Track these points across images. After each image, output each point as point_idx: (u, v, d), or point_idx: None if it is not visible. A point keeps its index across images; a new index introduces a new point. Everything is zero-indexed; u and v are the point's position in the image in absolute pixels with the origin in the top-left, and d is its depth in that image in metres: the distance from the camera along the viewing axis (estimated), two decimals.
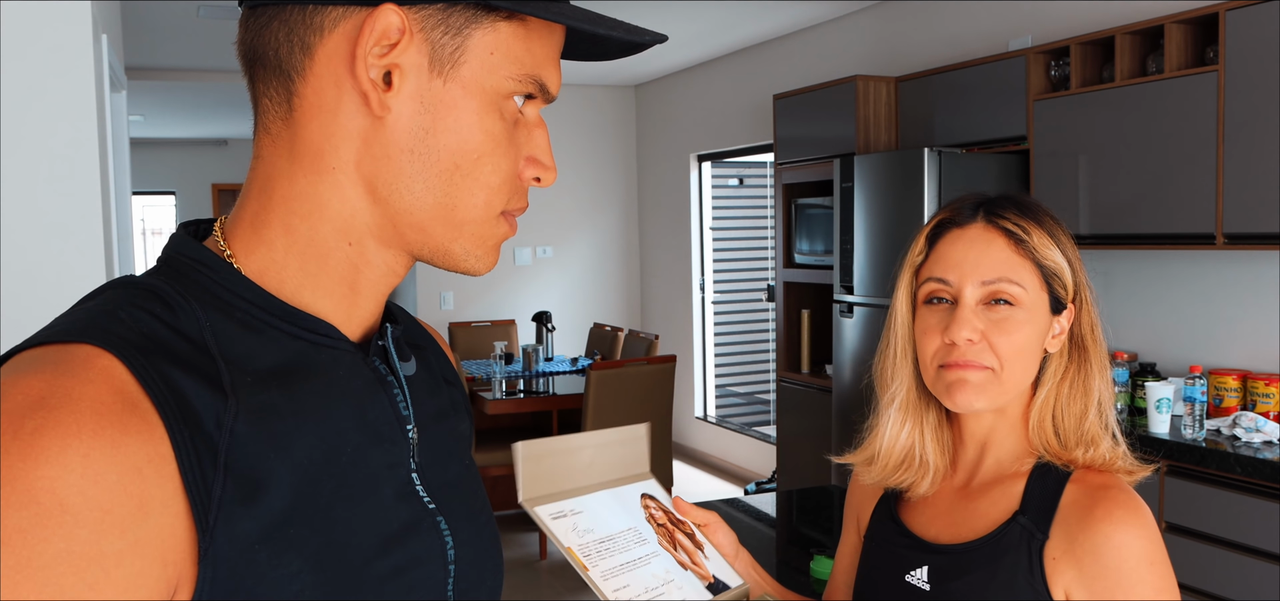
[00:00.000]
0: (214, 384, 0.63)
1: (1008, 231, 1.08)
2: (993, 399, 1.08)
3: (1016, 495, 1.08)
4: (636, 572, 1.06)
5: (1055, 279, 1.09)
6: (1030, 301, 1.07)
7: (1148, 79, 3.49)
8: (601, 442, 1.15)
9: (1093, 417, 1.09)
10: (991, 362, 1.07)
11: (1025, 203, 1.11)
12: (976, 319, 1.07)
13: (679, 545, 1.12)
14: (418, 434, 0.75)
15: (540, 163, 0.73)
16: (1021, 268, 1.07)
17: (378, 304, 0.75)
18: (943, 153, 4.00)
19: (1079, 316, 1.11)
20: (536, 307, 7.53)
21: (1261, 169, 3.15)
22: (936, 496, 1.15)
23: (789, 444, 5.23)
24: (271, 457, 0.64)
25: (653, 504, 1.15)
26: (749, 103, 6.47)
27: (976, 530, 1.09)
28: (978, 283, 1.07)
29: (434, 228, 0.71)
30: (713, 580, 1.12)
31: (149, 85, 6.97)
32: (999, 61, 4.07)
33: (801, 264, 5.18)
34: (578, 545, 1.05)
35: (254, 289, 0.69)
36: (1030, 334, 1.07)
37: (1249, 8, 3.16)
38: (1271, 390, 3.32)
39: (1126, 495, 1.04)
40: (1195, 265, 3.69)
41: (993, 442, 1.13)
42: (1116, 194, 3.62)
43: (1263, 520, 2.94)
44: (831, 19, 5.63)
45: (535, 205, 7.66)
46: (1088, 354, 1.11)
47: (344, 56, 0.67)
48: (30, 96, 2.66)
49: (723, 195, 7.45)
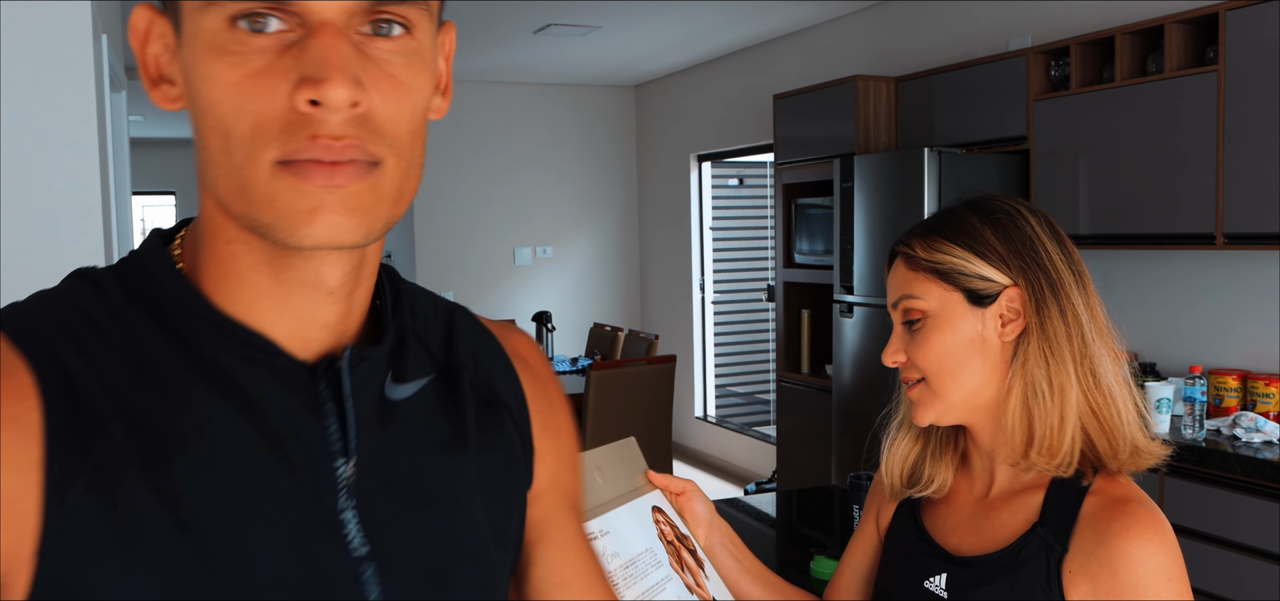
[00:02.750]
0: (110, 385, 0.60)
1: (901, 253, 1.16)
2: (938, 410, 1.12)
3: (1035, 506, 1.09)
4: (661, 598, 1.06)
5: (959, 276, 1.10)
6: (935, 306, 1.11)
7: (1148, 79, 3.49)
8: (604, 461, 1.14)
9: (1068, 404, 1.06)
10: (919, 375, 1.13)
11: (938, 219, 1.15)
12: (899, 341, 1.15)
13: (685, 565, 1.12)
14: (357, 471, 0.67)
15: (310, 80, 0.58)
16: (915, 280, 1.12)
17: (330, 311, 0.67)
18: (943, 153, 4.00)
19: (1038, 299, 1.09)
20: (536, 307, 7.53)
21: (1261, 169, 3.15)
22: (958, 505, 1.17)
23: (789, 444, 5.23)
24: (143, 473, 0.59)
25: (662, 519, 1.15)
26: (749, 103, 6.47)
27: (997, 540, 1.10)
28: (891, 307, 1.16)
29: (237, 205, 0.62)
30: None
31: None
32: (999, 61, 4.07)
33: (801, 264, 5.17)
34: (608, 572, 1.01)
35: (192, 294, 0.66)
36: (945, 337, 1.10)
37: (1249, 8, 3.16)
38: (1271, 390, 3.32)
39: (1147, 509, 1.04)
40: (1195, 265, 3.69)
41: (999, 453, 1.14)
42: (1116, 194, 3.62)
43: (1263, 520, 2.94)
44: (831, 19, 5.63)
45: (536, 205, 7.66)
46: (1044, 332, 1.09)
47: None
48: (30, 96, 2.65)
49: (723, 195, 7.45)
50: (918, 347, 1.12)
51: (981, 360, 1.10)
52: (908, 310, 1.13)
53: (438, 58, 0.69)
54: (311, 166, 0.60)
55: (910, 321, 1.13)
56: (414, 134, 0.65)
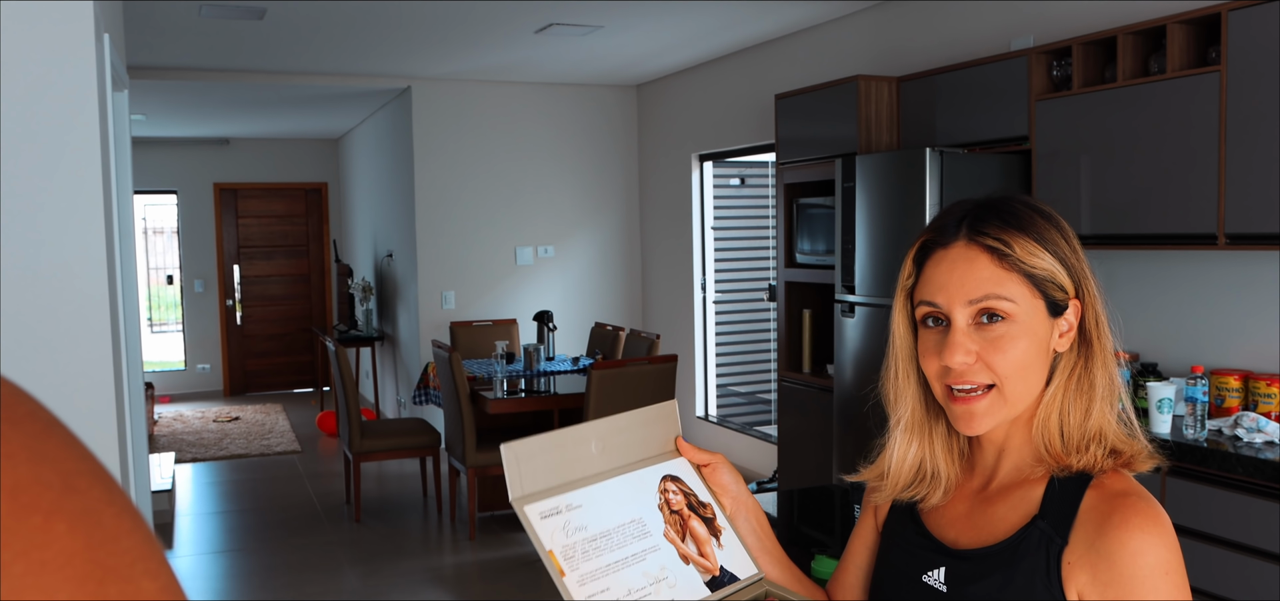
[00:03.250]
0: None
1: (990, 248, 1.07)
2: (1001, 417, 1.08)
3: (1036, 499, 1.08)
4: (623, 572, 1.01)
5: (1048, 284, 1.07)
6: (1023, 313, 1.06)
7: (1150, 79, 3.49)
8: (618, 427, 1.10)
9: (1097, 413, 1.08)
10: (991, 380, 1.07)
11: (1010, 209, 1.10)
12: (969, 340, 1.06)
13: (690, 534, 1.08)
14: None
15: None
16: (1008, 281, 1.06)
17: None
18: (944, 153, 4.00)
19: (1084, 310, 1.10)
20: (538, 307, 7.53)
21: (1264, 169, 3.14)
22: (956, 497, 1.16)
23: (790, 443, 5.23)
24: None
25: (672, 487, 1.11)
26: (750, 102, 6.46)
27: (996, 534, 1.09)
28: (965, 303, 1.07)
29: None
30: (718, 572, 1.07)
31: (151, 84, 6.97)
32: (1001, 61, 4.07)
33: (803, 263, 5.17)
34: (562, 546, 1.00)
35: None
36: (1027, 345, 1.06)
37: (1251, 8, 3.16)
38: (1273, 390, 3.32)
39: (1146, 502, 1.03)
40: (1197, 265, 3.69)
41: (1010, 447, 1.12)
42: (1118, 194, 3.62)
43: (1264, 520, 2.93)
44: (833, 19, 5.63)
45: (537, 204, 7.66)
46: (1092, 347, 1.10)
47: None
48: (32, 96, 2.66)
49: (724, 195, 7.44)
50: (997, 351, 1.06)
51: (1044, 368, 1.09)
52: (994, 310, 1.06)
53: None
54: None
55: (990, 317, 1.06)
56: None
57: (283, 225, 10.89)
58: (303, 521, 6.06)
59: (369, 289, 8.86)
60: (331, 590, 4.93)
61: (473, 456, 5.48)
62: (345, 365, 5.92)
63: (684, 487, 1.12)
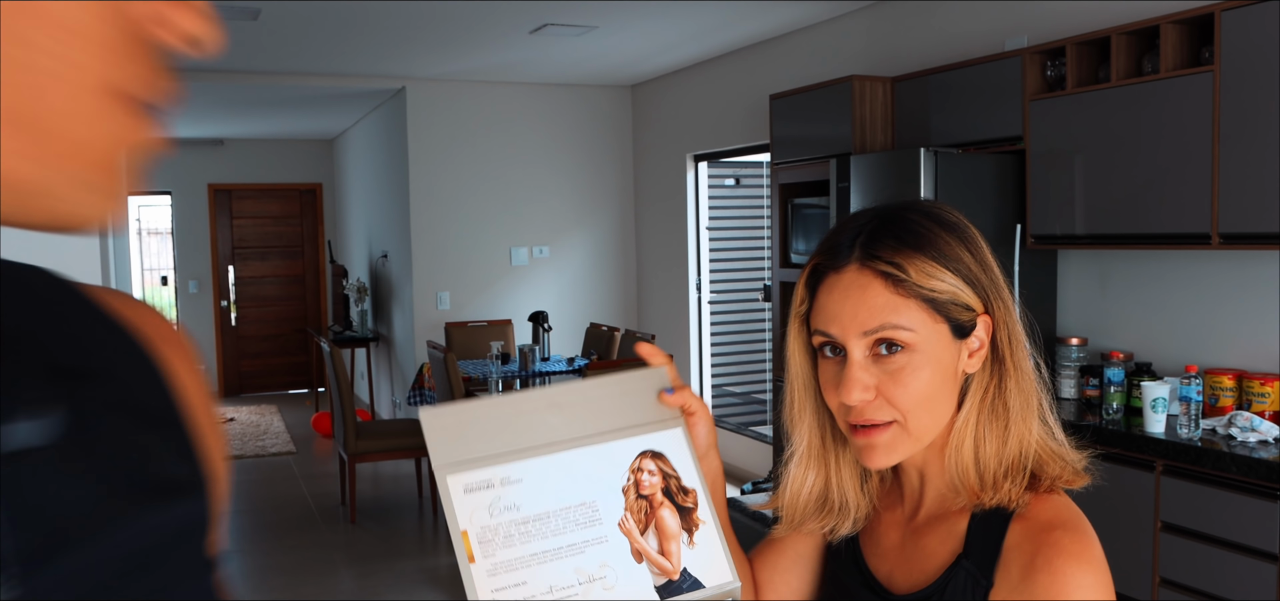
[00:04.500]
0: None
1: (883, 273, 0.97)
2: (907, 451, 1.01)
3: (959, 534, 1.01)
4: (549, 566, 0.86)
5: (950, 306, 0.98)
6: (923, 341, 0.97)
7: (1143, 79, 3.50)
8: (588, 394, 0.94)
9: (1016, 434, 1.00)
10: (893, 415, 0.99)
11: (906, 225, 0.99)
12: (867, 374, 0.98)
13: (654, 526, 0.92)
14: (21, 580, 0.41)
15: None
16: (904, 308, 0.97)
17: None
18: (939, 153, 4.00)
19: (996, 326, 1.01)
20: (533, 307, 7.52)
21: (1257, 169, 3.15)
22: (889, 530, 1.09)
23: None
24: None
25: (649, 466, 0.94)
26: (745, 103, 6.47)
27: (927, 571, 1.03)
28: (860, 334, 0.98)
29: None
30: (677, 576, 0.91)
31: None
32: (995, 61, 4.08)
33: (798, 264, 5.17)
34: (481, 527, 0.84)
35: None
36: (930, 375, 0.98)
37: (1244, 8, 3.17)
38: (1267, 389, 3.33)
39: (1073, 537, 0.96)
40: (1191, 265, 3.70)
41: (930, 474, 1.06)
42: (1112, 194, 3.63)
43: (1258, 519, 2.94)
44: (827, 19, 5.63)
45: (532, 205, 7.66)
46: (1005, 365, 1.01)
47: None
48: None
49: (719, 195, 7.45)
50: (897, 385, 0.97)
51: (952, 394, 1.01)
52: (890, 340, 0.97)
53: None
54: None
55: (888, 347, 0.98)
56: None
57: (277, 226, 10.87)
58: (298, 522, 6.06)
59: (364, 289, 8.85)
60: (326, 591, 4.92)
61: None
62: (340, 366, 5.92)
63: (665, 467, 0.95)
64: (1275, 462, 2.91)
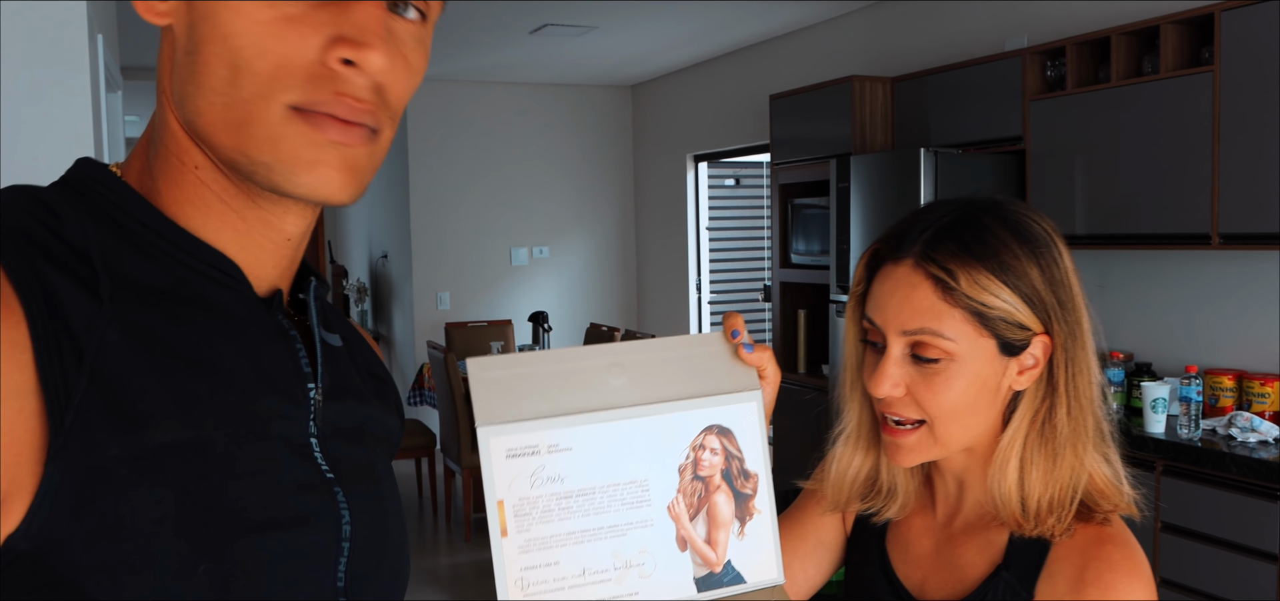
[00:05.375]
0: (91, 290, 0.59)
1: (934, 276, 0.94)
2: (932, 455, 0.98)
3: (1000, 545, 0.98)
4: (585, 548, 0.80)
5: (1000, 323, 0.94)
6: (963, 352, 0.94)
7: (1143, 79, 3.50)
8: (657, 354, 0.85)
9: (1067, 462, 0.95)
10: (921, 416, 0.96)
11: (977, 231, 0.95)
12: (899, 371, 0.96)
13: (706, 513, 0.84)
14: (323, 398, 0.70)
15: (347, 40, 0.60)
16: (948, 317, 0.93)
17: (282, 254, 0.70)
18: (939, 153, 4.00)
19: (1055, 349, 0.96)
20: (533, 308, 7.53)
21: (1257, 169, 3.15)
22: (921, 537, 1.06)
23: (785, 443, 5.24)
24: (145, 375, 0.59)
25: (713, 444, 0.85)
26: (745, 103, 6.47)
27: (963, 582, 1.00)
28: (899, 332, 0.95)
29: (222, 138, 0.62)
30: (719, 569, 0.84)
31: (145, 85, 6.96)
32: (995, 62, 4.08)
33: (798, 264, 5.18)
34: (519, 498, 0.78)
35: (149, 210, 0.65)
36: (965, 387, 0.94)
37: (1244, 8, 3.17)
38: (1267, 390, 3.33)
39: (1123, 551, 0.93)
40: (1191, 265, 3.70)
41: (970, 482, 1.02)
42: (1112, 194, 3.63)
43: (1258, 519, 2.94)
44: (827, 19, 5.64)
45: (532, 205, 7.66)
46: (1058, 391, 0.96)
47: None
48: (26, 97, 2.65)
49: (719, 195, 7.45)
50: (929, 390, 0.95)
51: (990, 407, 0.97)
52: (926, 345, 0.94)
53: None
54: (327, 120, 0.61)
55: (924, 357, 0.95)
56: (402, 112, 0.68)
57: None
58: None
59: (364, 290, 8.85)
60: None
61: (468, 457, 5.48)
62: None
63: (730, 446, 0.86)
64: (1275, 463, 2.91)
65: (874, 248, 1.02)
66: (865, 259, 1.03)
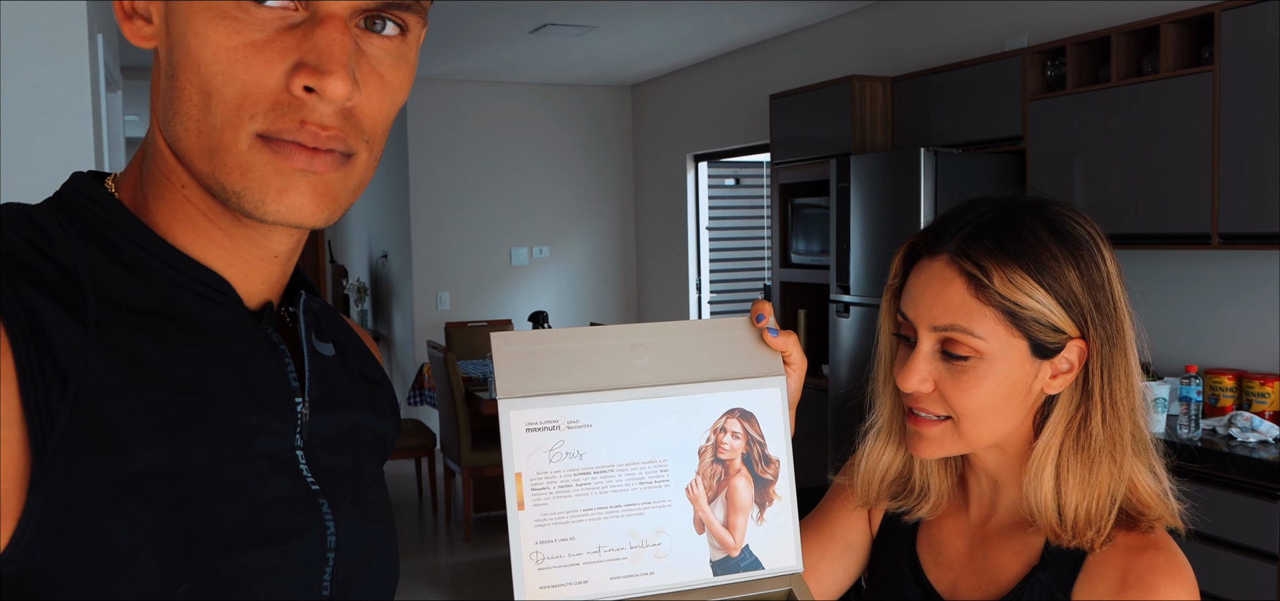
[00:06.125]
0: (77, 315, 0.60)
1: (968, 273, 0.93)
2: (955, 451, 0.97)
3: (1037, 547, 0.97)
4: (604, 524, 0.79)
5: (1033, 324, 0.93)
6: (994, 351, 0.93)
7: (1143, 79, 3.50)
8: (681, 336, 0.84)
9: (1106, 470, 0.93)
10: (948, 412, 0.95)
11: (1016, 230, 0.95)
12: (928, 366, 0.95)
13: (725, 496, 0.83)
14: (309, 411, 0.71)
15: (310, 68, 0.60)
16: (980, 315, 0.92)
17: (271, 271, 0.71)
18: (939, 153, 4.00)
19: (1090, 354, 0.95)
20: (533, 307, 7.53)
21: (1257, 169, 3.15)
22: (954, 537, 1.05)
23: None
24: (128, 399, 0.60)
25: (735, 427, 0.84)
26: (745, 103, 6.47)
27: (997, 584, 0.98)
28: (930, 328, 0.94)
29: (198, 163, 0.63)
30: (736, 554, 0.83)
31: (145, 85, 6.95)
32: (995, 61, 4.08)
33: (798, 264, 5.18)
34: (537, 473, 0.78)
35: (140, 227, 0.66)
36: (994, 386, 0.93)
37: (1244, 8, 3.17)
38: (1268, 390, 3.33)
39: (1167, 555, 0.92)
40: (1191, 265, 3.70)
41: (1005, 482, 1.01)
42: (1112, 194, 3.63)
43: (1258, 519, 2.94)
44: (827, 19, 5.64)
45: (532, 205, 7.66)
46: (1092, 398, 0.94)
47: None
48: (26, 96, 2.65)
49: (719, 195, 7.45)
50: (957, 387, 0.93)
51: (1019, 409, 0.95)
52: (957, 342, 0.93)
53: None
54: (293, 148, 0.62)
55: (953, 354, 0.93)
56: (387, 131, 0.67)
57: None
58: None
59: (364, 290, 8.85)
60: None
61: (468, 457, 5.48)
62: None
63: (752, 430, 0.85)
64: (1275, 462, 2.91)
65: (912, 241, 1.01)
66: (902, 252, 1.02)
